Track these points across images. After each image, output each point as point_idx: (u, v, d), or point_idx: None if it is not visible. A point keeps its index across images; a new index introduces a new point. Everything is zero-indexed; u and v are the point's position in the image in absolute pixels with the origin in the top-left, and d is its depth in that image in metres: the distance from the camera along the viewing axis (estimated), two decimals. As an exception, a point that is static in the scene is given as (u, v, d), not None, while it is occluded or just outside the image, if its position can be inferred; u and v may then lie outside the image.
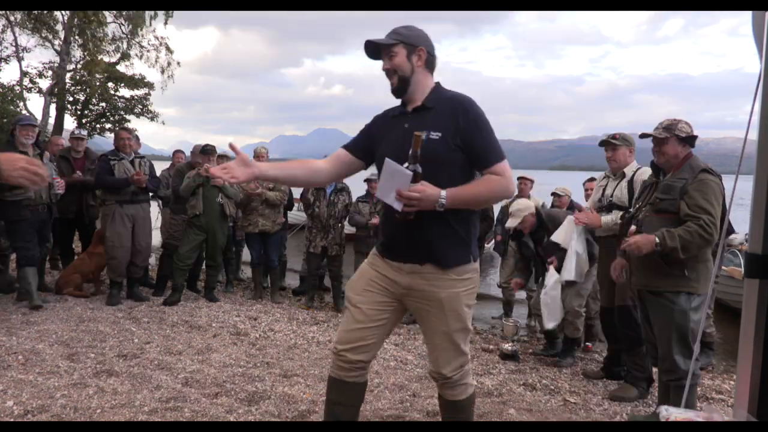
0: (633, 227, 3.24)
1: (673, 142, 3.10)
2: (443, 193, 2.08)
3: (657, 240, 2.94)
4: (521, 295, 6.70)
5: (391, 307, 2.35)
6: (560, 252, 4.40)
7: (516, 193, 2.33)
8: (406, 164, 2.07)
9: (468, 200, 2.15)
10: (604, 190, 4.08)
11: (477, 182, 2.16)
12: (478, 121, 2.16)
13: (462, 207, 2.15)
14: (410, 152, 2.06)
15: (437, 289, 2.22)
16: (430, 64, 2.27)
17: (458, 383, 2.34)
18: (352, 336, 2.36)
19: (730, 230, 3.19)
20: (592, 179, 5.98)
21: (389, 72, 2.25)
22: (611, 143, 4.01)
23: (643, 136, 3.31)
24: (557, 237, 4.31)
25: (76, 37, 17.03)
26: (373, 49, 2.26)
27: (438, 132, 2.15)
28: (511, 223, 4.68)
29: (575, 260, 4.22)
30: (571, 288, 4.44)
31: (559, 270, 4.39)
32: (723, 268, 7.43)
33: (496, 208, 6.86)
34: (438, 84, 2.29)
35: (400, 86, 2.24)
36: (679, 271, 3.00)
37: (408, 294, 2.29)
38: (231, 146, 2.25)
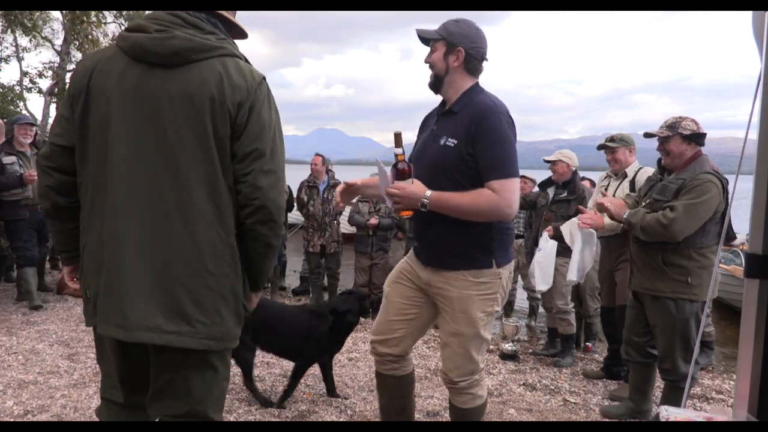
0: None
1: (676, 140, 3.03)
2: (428, 193, 2.07)
3: (627, 213, 3.06)
4: (522, 295, 6.70)
5: (420, 301, 2.35)
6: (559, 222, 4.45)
7: (514, 216, 2.23)
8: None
9: (451, 207, 2.09)
10: (605, 190, 4.07)
11: (467, 192, 2.08)
12: (489, 132, 2.06)
13: (446, 212, 2.10)
14: (394, 151, 2.12)
15: (451, 287, 2.21)
16: (469, 65, 2.18)
17: (465, 391, 2.29)
18: (381, 328, 2.41)
19: (731, 236, 3.15)
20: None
21: (428, 65, 2.23)
22: (609, 146, 4.01)
23: (647, 135, 3.28)
24: (563, 231, 4.32)
25: (75, 38, 17.02)
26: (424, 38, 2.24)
27: (454, 139, 2.12)
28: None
29: (579, 261, 4.23)
30: (553, 288, 4.45)
31: (554, 238, 4.40)
32: (725, 267, 7.45)
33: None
34: (474, 86, 2.20)
35: (433, 82, 2.23)
36: (682, 277, 2.96)
37: (428, 289, 2.30)
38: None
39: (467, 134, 2.09)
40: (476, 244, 2.16)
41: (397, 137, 2.15)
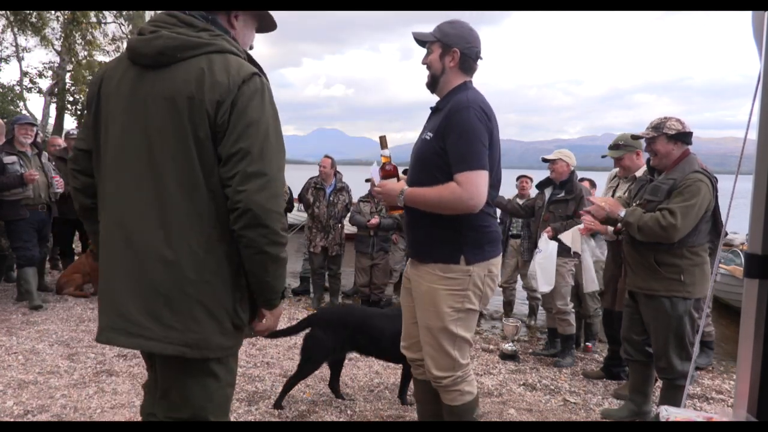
0: (618, 224, 3.20)
1: (662, 140, 3.04)
2: (403, 188, 2.20)
3: (623, 213, 3.03)
4: (522, 295, 6.70)
5: None
6: (557, 223, 4.43)
7: (479, 208, 2.19)
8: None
9: (421, 202, 2.18)
10: (614, 191, 4.03)
11: (434, 187, 2.14)
12: (458, 127, 2.10)
13: (419, 207, 2.19)
14: (380, 152, 2.27)
15: (422, 280, 2.27)
16: (464, 65, 2.24)
17: (450, 388, 2.31)
18: (404, 333, 2.51)
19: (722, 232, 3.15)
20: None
21: (426, 66, 2.29)
22: (613, 155, 3.95)
23: (634, 137, 3.28)
24: (565, 238, 4.30)
25: (75, 37, 17.00)
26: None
27: (431, 133, 2.20)
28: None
29: (593, 271, 4.25)
30: (553, 289, 4.45)
31: (553, 239, 4.38)
32: (724, 267, 7.44)
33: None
34: (461, 84, 2.24)
35: (430, 82, 2.29)
36: (675, 275, 2.98)
37: (412, 285, 2.37)
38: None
39: (439, 130, 2.16)
40: (444, 239, 2.21)
41: (382, 140, 2.28)
